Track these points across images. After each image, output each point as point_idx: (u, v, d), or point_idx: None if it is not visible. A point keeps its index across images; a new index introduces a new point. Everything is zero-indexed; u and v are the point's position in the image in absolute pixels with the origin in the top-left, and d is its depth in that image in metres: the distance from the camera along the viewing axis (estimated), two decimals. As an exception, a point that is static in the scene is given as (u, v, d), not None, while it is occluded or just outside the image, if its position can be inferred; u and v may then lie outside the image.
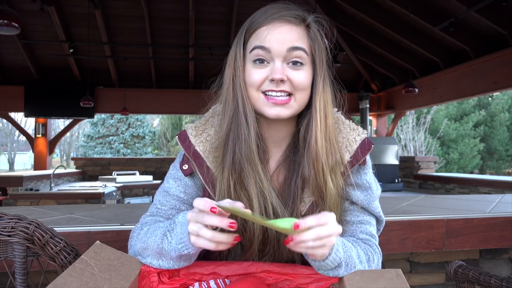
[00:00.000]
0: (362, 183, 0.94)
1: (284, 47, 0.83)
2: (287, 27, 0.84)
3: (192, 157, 0.93)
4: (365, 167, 0.96)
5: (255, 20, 0.86)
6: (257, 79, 0.85)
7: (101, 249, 0.84)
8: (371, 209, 0.95)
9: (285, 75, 0.84)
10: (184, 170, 0.95)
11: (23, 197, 5.10)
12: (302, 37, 0.85)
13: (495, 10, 5.33)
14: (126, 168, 8.14)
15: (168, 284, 0.84)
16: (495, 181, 5.42)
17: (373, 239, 0.95)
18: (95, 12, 7.35)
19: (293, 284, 0.83)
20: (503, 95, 17.74)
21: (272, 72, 0.83)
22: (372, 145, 0.95)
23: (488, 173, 17.26)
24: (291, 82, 0.85)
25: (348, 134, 0.95)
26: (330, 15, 7.48)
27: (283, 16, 0.84)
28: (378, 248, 0.95)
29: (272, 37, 0.83)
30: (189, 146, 0.94)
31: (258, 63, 0.85)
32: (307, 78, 0.86)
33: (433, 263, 1.92)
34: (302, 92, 0.86)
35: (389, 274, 0.80)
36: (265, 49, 0.84)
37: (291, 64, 0.85)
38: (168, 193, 0.96)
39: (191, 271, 0.85)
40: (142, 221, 0.94)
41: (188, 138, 0.94)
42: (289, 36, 0.84)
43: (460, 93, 6.68)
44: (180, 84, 9.26)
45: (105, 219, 1.57)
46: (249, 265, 0.85)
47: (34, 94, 8.52)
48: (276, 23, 0.84)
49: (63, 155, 27.84)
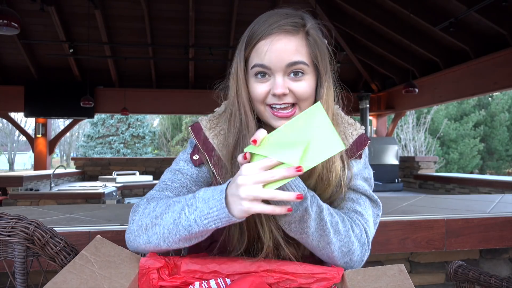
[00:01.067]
0: (350, 164, 0.94)
1: (283, 63, 0.84)
2: (285, 40, 0.84)
3: (205, 149, 0.95)
4: (360, 159, 0.97)
5: (255, 32, 0.86)
6: (260, 94, 0.86)
7: (102, 244, 0.84)
8: (355, 186, 0.94)
9: (286, 88, 0.85)
10: (195, 160, 0.97)
11: (23, 197, 5.10)
12: (301, 47, 0.85)
13: (495, 10, 5.34)
14: (126, 168, 8.14)
15: (169, 282, 0.83)
16: (495, 181, 5.43)
17: (356, 215, 0.92)
18: (95, 12, 7.35)
19: (294, 283, 0.83)
20: (503, 95, 17.74)
21: (274, 87, 0.85)
22: (368, 141, 0.96)
23: (488, 173, 17.26)
24: (293, 93, 0.86)
25: (345, 129, 0.96)
26: (330, 15, 7.48)
27: (281, 26, 0.84)
28: (362, 224, 0.91)
29: (271, 54, 0.84)
30: (203, 138, 0.95)
31: (260, 77, 0.86)
32: (309, 87, 0.87)
33: (433, 263, 1.92)
34: (306, 101, 0.88)
35: (391, 271, 0.80)
36: (265, 66, 0.85)
37: (292, 75, 0.86)
38: (180, 172, 0.96)
39: (192, 269, 0.85)
40: (148, 196, 0.92)
41: (202, 130, 0.96)
42: (288, 50, 0.84)
43: (460, 93, 6.68)
44: (180, 84, 9.26)
45: (105, 219, 1.57)
46: (250, 264, 0.85)
47: (34, 94, 8.52)
48: (274, 36, 0.84)
49: (63, 155, 27.84)
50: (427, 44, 6.95)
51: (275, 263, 0.85)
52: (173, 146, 22.37)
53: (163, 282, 0.83)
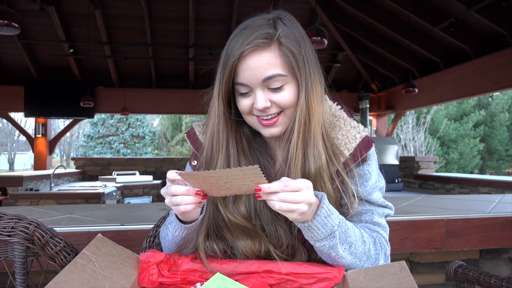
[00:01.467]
0: (363, 173, 0.95)
1: (259, 79, 0.85)
2: (256, 57, 0.84)
3: (200, 153, 0.97)
4: (368, 161, 0.96)
5: (229, 54, 0.86)
6: (245, 108, 0.89)
7: (103, 243, 0.84)
8: (372, 200, 0.95)
9: (267, 101, 0.86)
10: (193, 166, 0.99)
11: (23, 197, 5.10)
12: (274, 59, 0.84)
13: (495, 10, 5.34)
14: (126, 168, 8.14)
15: (168, 278, 0.83)
16: (495, 181, 5.43)
17: (376, 227, 0.95)
18: (95, 12, 7.35)
19: (295, 284, 0.82)
20: (503, 95, 17.74)
21: (255, 103, 0.87)
22: (372, 143, 0.95)
23: (488, 173, 17.26)
24: (276, 104, 0.87)
25: (348, 132, 0.95)
26: (330, 15, 7.49)
27: (251, 42, 0.83)
28: (385, 238, 0.95)
29: (245, 72, 0.85)
30: (197, 143, 0.99)
31: (243, 94, 0.89)
32: (291, 96, 0.87)
33: (433, 263, 1.92)
34: (290, 108, 0.88)
35: (392, 269, 0.79)
36: (243, 84, 0.87)
37: (272, 88, 0.86)
38: None
39: (192, 267, 0.85)
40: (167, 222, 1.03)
41: (196, 136, 1.00)
42: (261, 66, 0.84)
43: (460, 93, 6.68)
44: (180, 84, 9.26)
45: (105, 219, 1.57)
46: (251, 264, 0.85)
47: (34, 94, 8.52)
48: (246, 54, 0.84)
49: (63, 155, 27.83)
50: (427, 44, 6.95)
51: (275, 263, 0.84)
52: (173, 146, 22.38)
53: (162, 279, 0.83)
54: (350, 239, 0.84)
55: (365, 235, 0.89)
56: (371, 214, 0.95)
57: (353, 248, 0.85)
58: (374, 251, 0.89)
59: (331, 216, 0.80)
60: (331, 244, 0.81)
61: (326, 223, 0.80)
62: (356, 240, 0.86)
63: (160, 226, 1.15)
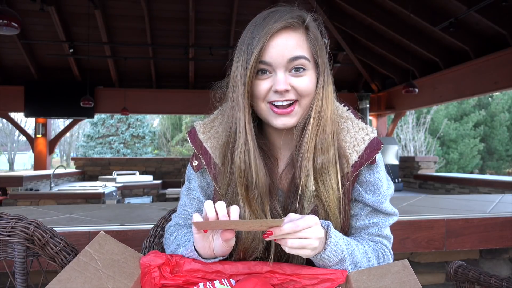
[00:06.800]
0: (374, 181, 0.94)
1: (285, 58, 0.83)
2: (286, 35, 0.83)
3: (201, 153, 0.96)
4: (376, 165, 0.95)
5: (258, 33, 0.84)
6: (261, 91, 0.85)
7: (105, 241, 0.83)
8: (383, 209, 0.95)
9: (288, 85, 0.84)
10: (194, 166, 0.98)
11: (23, 197, 5.10)
12: (301, 42, 0.85)
13: (495, 10, 5.34)
14: (126, 168, 8.14)
15: (171, 280, 0.83)
16: (495, 181, 5.43)
17: (381, 238, 0.96)
18: (95, 12, 7.35)
19: (298, 284, 0.82)
20: (503, 95, 17.74)
21: (275, 84, 0.84)
22: (381, 145, 0.94)
23: (488, 173, 17.25)
24: (295, 89, 0.85)
25: (356, 134, 0.94)
26: (330, 15, 7.48)
27: (281, 21, 0.83)
28: (388, 249, 0.96)
29: (272, 49, 0.83)
30: (198, 143, 0.97)
31: (261, 74, 0.85)
32: (311, 83, 0.86)
33: (433, 263, 1.92)
34: (307, 98, 0.87)
35: (395, 268, 0.79)
36: (266, 63, 0.84)
37: (294, 71, 0.85)
38: (189, 195, 1.03)
39: (194, 268, 0.84)
40: (173, 223, 1.04)
41: (197, 135, 0.98)
42: (288, 45, 0.83)
43: (460, 93, 6.69)
44: (180, 84, 9.26)
45: (105, 219, 1.57)
46: (254, 264, 0.84)
47: (34, 94, 8.52)
48: (274, 31, 0.83)
49: (63, 155, 27.82)
50: (427, 44, 6.95)
51: (278, 264, 0.84)
52: (173, 146, 22.36)
53: (165, 281, 0.82)
54: (356, 259, 0.86)
55: (369, 252, 0.91)
56: (378, 228, 0.95)
57: (358, 266, 0.87)
58: (377, 265, 0.91)
59: (339, 242, 0.82)
60: (341, 267, 0.84)
61: (336, 250, 0.81)
62: (361, 258, 0.88)
63: (160, 226, 1.15)
